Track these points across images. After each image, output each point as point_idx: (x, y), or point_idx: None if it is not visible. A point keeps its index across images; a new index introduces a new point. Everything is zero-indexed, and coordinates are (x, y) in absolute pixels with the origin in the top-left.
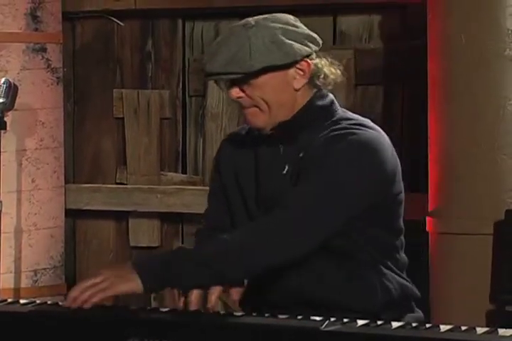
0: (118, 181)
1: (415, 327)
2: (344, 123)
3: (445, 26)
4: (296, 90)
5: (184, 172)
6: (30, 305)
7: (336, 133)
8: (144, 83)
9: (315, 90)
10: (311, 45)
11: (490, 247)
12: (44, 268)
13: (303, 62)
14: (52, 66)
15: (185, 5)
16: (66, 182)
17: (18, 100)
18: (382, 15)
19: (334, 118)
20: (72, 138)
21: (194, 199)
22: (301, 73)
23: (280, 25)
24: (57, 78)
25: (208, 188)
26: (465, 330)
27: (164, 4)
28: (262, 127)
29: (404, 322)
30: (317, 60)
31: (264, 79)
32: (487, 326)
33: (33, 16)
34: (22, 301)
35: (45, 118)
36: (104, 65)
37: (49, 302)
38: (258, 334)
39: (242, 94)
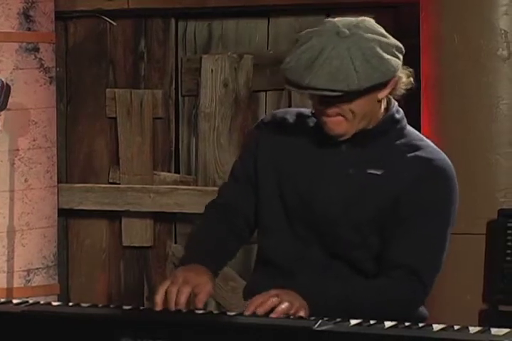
0: (111, 181)
1: (408, 326)
2: (422, 145)
3: (438, 26)
4: (379, 101)
5: (177, 171)
6: (23, 305)
7: (423, 160)
8: (136, 83)
9: (387, 99)
10: (400, 56)
11: (483, 247)
12: (37, 268)
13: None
14: (45, 66)
15: (178, 4)
16: (59, 181)
17: (10, 100)
18: (375, 14)
19: (405, 134)
20: (65, 138)
21: (187, 199)
22: (386, 85)
23: (375, 37)
24: (50, 78)
25: (200, 188)
26: (458, 329)
27: (157, 4)
28: (342, 135)
29: (396, 322)
30: (400, 70)
31: (361, 95)
32: (480, 325)
33: (26, 16)
34: (15, 301)
35: (38, 118)
36: (97, 64)
37: (42, 302)
38: (251, 333)
39: (329, 105)
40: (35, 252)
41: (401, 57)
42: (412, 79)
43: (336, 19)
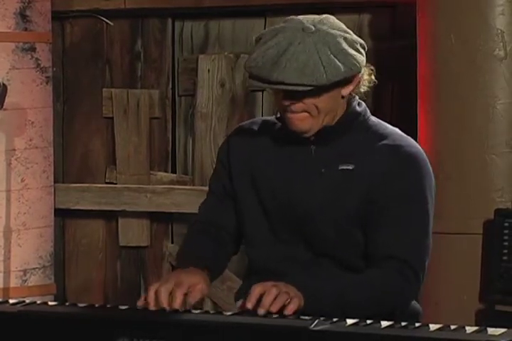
0: (107, 181)
1: (404, 326)
2: (388, 134)
3: (435, 26)
4: (343, 97)
5: (174, 171)
6: (19, 305)
7: (392, 147)
8: (133, 82)
9: (351, 96)
10: (363, 52)
11: (479, 246)
12: (33, 268)
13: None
14: (41, 65)
15: (174, 4)
16: (55, 181)
17: (7, 100)
18: (372, 14)
19: (370, 125)
20: (61, 138)
21: (184, 199)
22: (351, 81)
23: (339, 32)
24: (47, 77)
25: (197, 188)
26: (454, 329)
27: (154, 4)
28: (307, 131)
29: (393, 322)
30: (364, 67)
31: (328, 89)
32: (476, 325)
33: (23, 16)
34: (11, 301)
35: (35, 118)
36: (94, 64)
37: (38, 302)
38: (247, 333)
39: (295, 101)
40: (32, 252)
41: (364, 53)
42: (373, 76)
43: (300, 16)
